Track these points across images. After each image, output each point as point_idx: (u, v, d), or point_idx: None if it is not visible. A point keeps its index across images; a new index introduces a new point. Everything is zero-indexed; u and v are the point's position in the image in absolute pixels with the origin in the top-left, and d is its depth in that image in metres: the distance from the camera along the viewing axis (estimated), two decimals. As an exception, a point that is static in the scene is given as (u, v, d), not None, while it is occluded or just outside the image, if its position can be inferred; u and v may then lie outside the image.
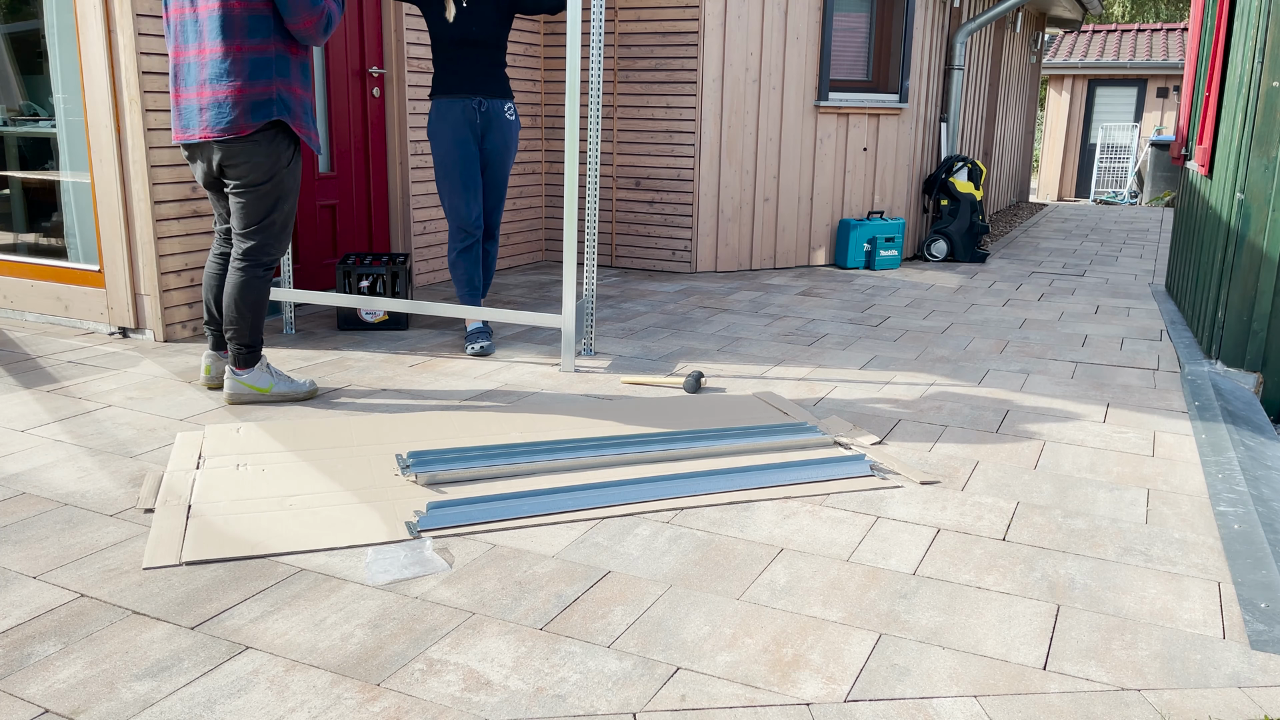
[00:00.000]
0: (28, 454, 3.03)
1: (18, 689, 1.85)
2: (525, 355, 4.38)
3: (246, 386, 3.56)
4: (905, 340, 4.85)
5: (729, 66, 6.42)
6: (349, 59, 5.38)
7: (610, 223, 6.88)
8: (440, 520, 2.58)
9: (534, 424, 3.40)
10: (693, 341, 4.71)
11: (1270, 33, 3.98)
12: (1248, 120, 4.13)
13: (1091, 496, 2.89)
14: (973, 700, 1.88)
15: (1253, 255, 4.17)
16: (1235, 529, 2.66)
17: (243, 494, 2.74)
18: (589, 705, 1.84)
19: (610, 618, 2.15)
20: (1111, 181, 17.40)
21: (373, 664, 1.95)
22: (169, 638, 2.03)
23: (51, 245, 4.67)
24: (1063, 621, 2.17)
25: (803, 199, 6.96)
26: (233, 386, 3.55)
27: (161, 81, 4.23)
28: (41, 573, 2.29)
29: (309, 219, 5.26)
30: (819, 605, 2.22)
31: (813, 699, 1.87)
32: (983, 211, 7.86)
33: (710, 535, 2.57)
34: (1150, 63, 16.63)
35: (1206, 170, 5.05)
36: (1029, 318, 5.48)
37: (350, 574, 2.32)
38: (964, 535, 2.61)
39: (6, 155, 4.73)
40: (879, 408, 3.71)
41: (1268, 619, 2.19)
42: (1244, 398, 4.00)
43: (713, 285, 6.23)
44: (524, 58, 6.64)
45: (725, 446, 3.15)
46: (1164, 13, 25.15)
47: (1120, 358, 4.59)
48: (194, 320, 4.53)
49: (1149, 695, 1.91)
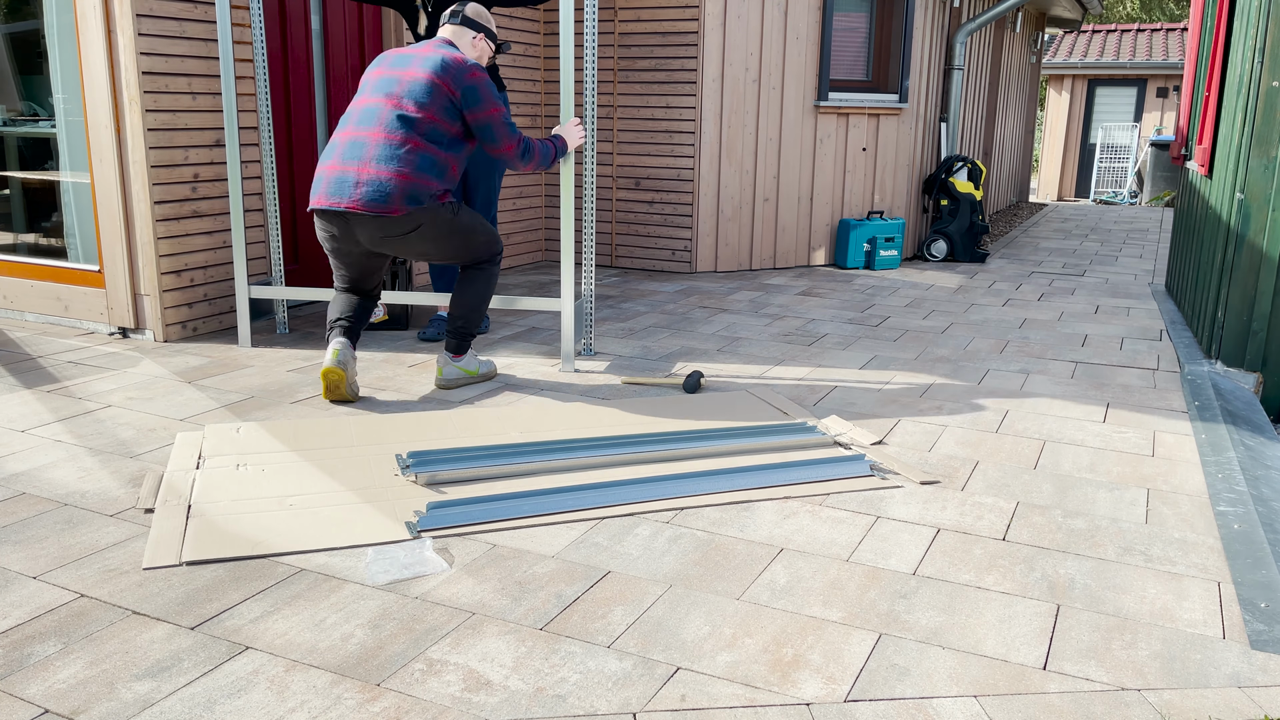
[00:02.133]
0: (28, 454, 3.03)
1: (18, 689, 1.85)
2: (525, 355, 4.38)
3: (460, 370, 3.84)
4: (905, 340, 4.85)
5: (729, 66, 6.42)
6: (349, 58, 5.37)
7: (610, 223, 6.88)
8: (440, 520, 2.58)
9: (534, 424, 3.40)
10: (693, 341, 4.71)
11: (1270, 32, 3.98)
12: (1248, 120, 4.13)
13: (1091, 496, 2.89)
14: (973, 700, 1.88)
15: (1253, 255, 4.17)
16: (1235, 529, 2.66)
17: (243, 494, 2.74)
18: (589, 705, 1.84)
19: (610, 618, 2.15)
20: (1111, 181, 17.40)
21: (373, 664, 1.95)
22: (169, 638, 2.03)
23: (51, 245, 4.67)
24: (1063, 621, 2.17)
25: (802, 199, 6.96)
26: (449, 370, 3.81)
27: (161, 81, 4.23)
28: (41, 573, 2.29)
29: (308, 219, 5.26)
30: (819, 605, 2.22)
31: (813, 699, 1.87)
32: (982, 211, 7.86)
33: (710, 535, 2.57)
34: (1150, 63, 16.63)
35: (1206, 170, 5.05)
36: (1029, 317, 5.48)
37: (350, 574, 2.32)
38: (964, 535, 2.61)
39: (6, 155, 4.73)
40: (879, 408, 3.71)
41: (1268, 619, 2.19)
42: (1244, 398, 4.00)
43: (713, 285, 6.23)
44: (524, 58, 6.64)
45: (725, 446, 3.15)
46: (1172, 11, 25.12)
47: (1120, 357, 4.59)
48: (194, 320, 4.53)
49: (1149, 695, 1.91)
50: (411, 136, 3.39)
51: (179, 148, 4.35)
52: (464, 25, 3.70)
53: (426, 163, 3.41)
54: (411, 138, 3.39)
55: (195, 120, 4.41)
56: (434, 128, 3.43)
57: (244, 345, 4.35)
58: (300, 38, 5.05)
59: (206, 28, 4.42)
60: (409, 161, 3.38)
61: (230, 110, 4.19)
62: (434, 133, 3.43)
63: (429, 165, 3.42)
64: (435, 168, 3.43)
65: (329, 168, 3.47)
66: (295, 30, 5.03)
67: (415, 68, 3.48)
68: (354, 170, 3.40)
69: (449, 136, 3.47)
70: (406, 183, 3.37)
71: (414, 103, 3.42)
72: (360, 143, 3.43)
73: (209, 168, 4.50)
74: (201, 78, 4.42)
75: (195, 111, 4.40)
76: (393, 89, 3.47)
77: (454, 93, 3.44)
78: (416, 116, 3.41)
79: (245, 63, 4.61)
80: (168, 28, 4.23)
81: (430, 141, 3.42)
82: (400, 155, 3.37)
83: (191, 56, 4.36)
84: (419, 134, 3.40)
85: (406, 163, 3.37)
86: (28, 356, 4.13)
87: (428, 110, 3.42)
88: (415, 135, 3.40)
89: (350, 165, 3.41)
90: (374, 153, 3.39)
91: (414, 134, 3.40)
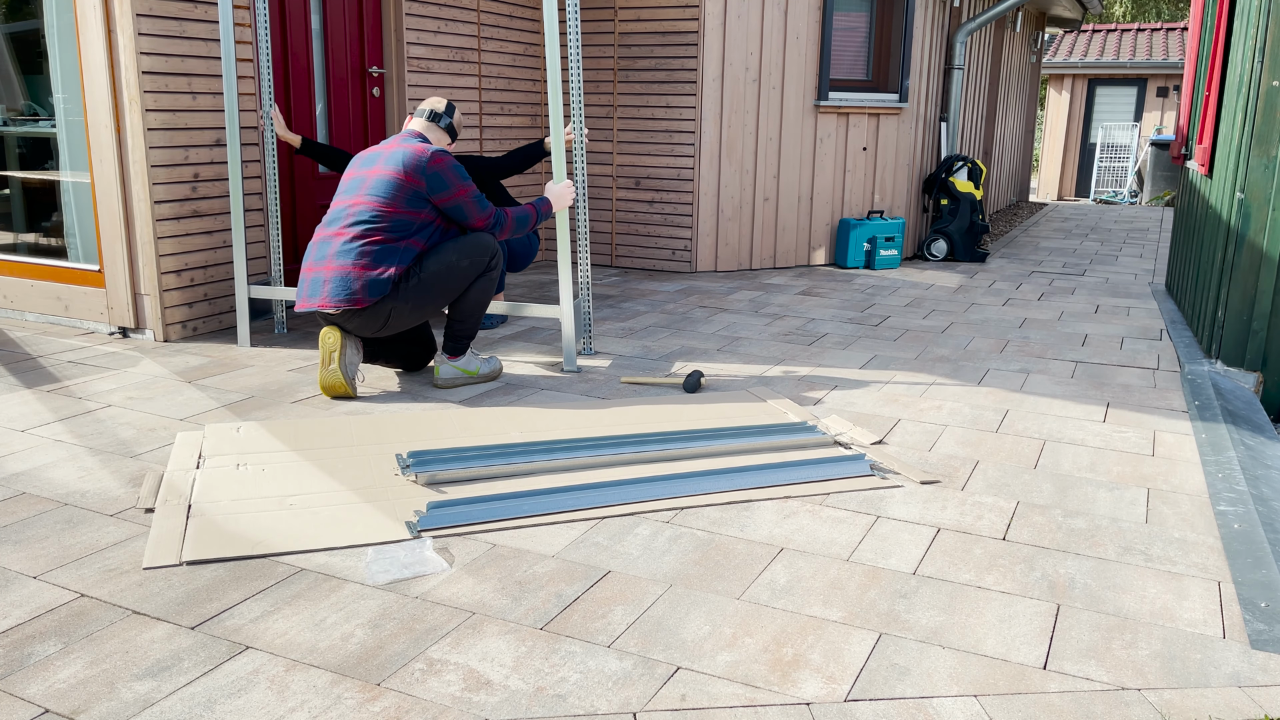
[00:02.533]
0: (28, 454, 3.03)
1: (18, 689, 1.85)
2: (525, 355, 4.38)
3: (459, 370, 3.88)
4: (905, 340, 4.85)
5: (729, 66, 6.42)
6: (349, 59, 5.38)
7: (610, 222, 6.87)
8: (440, 520, 2.58)
9: (534, 424, 3.40)
10: (693, 341, 4.71)
11: (1270, 32, 3.98)
12: (1248, 120, 4.13)
13: (1091, 496, 2.89)
14: (973, 700, 1.88)
15: (1253, 255, 4.17)
16: (1235, 528, 2.66)
17: (243, 493, 2.74)
18: (589, 705, 1.84)
19: (610, 617, 2.15)
20: (1111, 181, 17.39)
21: (373, 664, 1.95)
22: (169, 638, 2.03)
23: (51, 245, 4.67)
24: (1063, 621, 2.17)
25: (803, 198, 6.96)
26: (446, 370, 3.86)
27: (161, 81, 4.23)
28: (42, 573, 2.29)
29: (308, 218, 5.26)
30: (819, 605, 2.22)
31: (813, 699, 1.87)
32: (983, 211, 7.86)
33: (710, 535, 2.57)
34: (1150, 62, 16.63)
35: (1206, 170, 5.05)
36: (1029, 317, 5.48)
37: (350, 574, 2.32)
38: (964, 535, 2.61)
39: (6, 155, 4.73)
40: (879, 407, 3.71)
41: (1268, 618, 2.19)
42: (1244, 397, 4.00)
43: (713, 285, 6.23)
44: (524, 58, 6.64)
45: (725, 446, 3.15)
46: (1165, 13, 25.13)
47: (1120, 357, 4.59)
48: (193, 320, 4.53)
49: (1149, 695, 1.91)
50: (372, 232, 3.54)
51: (179, 147, 4.35)
52: (431, 121, 3.86)
53: (386, 252, 3.55)
54: (372, 233, 3.54)
55: (195, 120, 4.41)
56: (399, 219, 3.57)
57: (244, 345, 4.35)
58: (300, 38, 5.05)
59: (206, 27, 4.42)
60: (367, 254, 3.52)
61: (231, 110, 4.19)
62: (399, 224, 3.57)
63: (388, 255, 3.55)
64: (395, 255, 3.56)
65: (305, 270, 3.65)
66: (295, 30, 5.03)
67: (380, 165, 3.64)
68: (322, 270, 3.57)
69: (418, 223, 3.61)
70: (365, 274, 3.51)
71: (377, 199, 3.57)
72: (327, 242, 3.60)
73: (209, 167, 4.50)
74: (202, 77, 4.42)
75: (195, 111, 4.40)
76: (359, 189, 3.63)
77: (419, 183, 3.59)
78: (380, 211, 3.56)
79: (245, 62, 4.61)
80: (168, 27, 4.23)
81: (394, 233, 3.57)
82: (357, 249, 3.52)
83: (192, 56, 4.36)
84: (382, 228, 3.55)
85: (364, 255, 3.52)
86: (28, 356, 4.13)
87: (391, 204, 3.57)
88: (377, 230, 3.55)
89: (319, 266, 3.59)
90: (336, 249, 3.56)
91: (376, 229, 3.55)
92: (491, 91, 6.34)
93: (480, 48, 6.20)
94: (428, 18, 5.73)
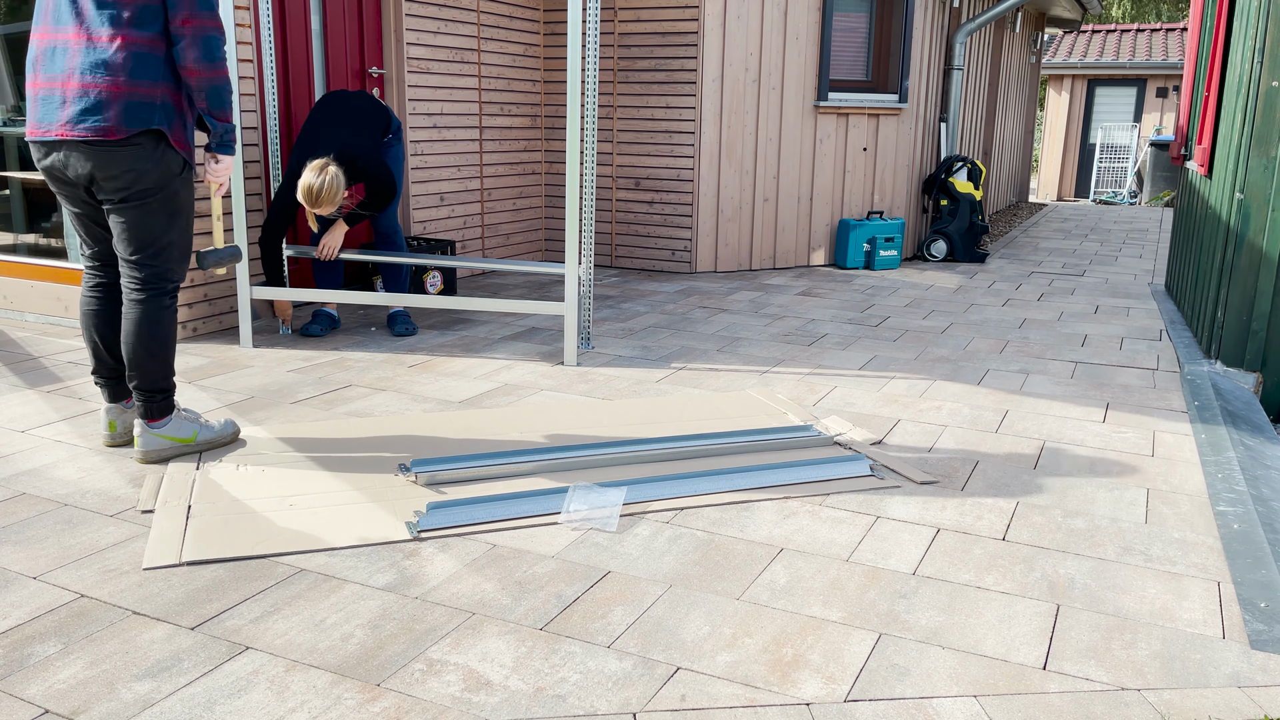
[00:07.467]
0: (29, 454, 3.03)
1: (18, 689, 1.85)
2: (525, 355, 4.38)
3: (167, 440, 2.95)
4: (905, 340, 4.85)
5: (729, 66, 6.42)
6: (349, 59, 5.38)
7: (610, 223, 6.88)
8: (440, 520, 2.58)
9: (534, 424, 3.40)
10: (692, 341, 4.71)
11: (1270, 32, 3.98)
12: (1247, 120, 4.13)
13: (1091, 496, 2.90)
14: (973, 700, 1.88)
15: (1252, 255, 4.17)
16: (1235, 529, 2.66)
17: (243, 494, 2.74)
18: (589, 705, 1.84)
19: (610, 618, 2.15)
20: (1111, 181, 17.40)
21: (373, 664, 1.95)
22: (169, 638, 2.03)
23: (51, 246, 4.67)
24: (1062, 621, 2.18)
25: (802, 199, 6.96)
26: (148, 442, 2.93)
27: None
28: (42, 573, 2.29)
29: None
30: (819, 605, 2.23)
31: (813, 699, 1.87)
32: (982, 211, 7.86)
33: (710, 535, 2.57)
34: (1150, 63, 16.63)
35: (1206, 170, 5.05)
36: (1028, 317, 5.48)
37: (350, 574, 2.32)
38: (964, 535, 2.61)
39: (6, 155, 4.73)
40: (878, 408, 3.71)
41: (1267, 619, 2.19)
42: (1244, 397, 4.00)
43: (712, 285, 6.23)
44: (524, 58, 6.64)
45: (725, 446, 3.15)
46: (1165, 13, 25.14)
47: (1120, 357, 4.59)
48: (194, 320, 4.53)
49: (1149, 695, 1.91)
50: (117, 33, 2.67)
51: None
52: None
53: (143, 62, 2.70)
54: (116, 34, 2.67)
55: (195, 120, 4.41)
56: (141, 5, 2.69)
57: (245, 345, 4.35)
58: (300, 38, 5.05)
59: (206, 28, 4.41)
60: (119, 66, 2.68)
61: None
62: (141, 13, 2.69)
63: (147, 65, 2.71)
64: (155, 65, 2.72)
65: (33, 85, 2.78)
66: (295, 30, 5.03)
67: None
68: (58, 85, 2.72)
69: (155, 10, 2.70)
70: (121, 94, 2.69)
71: None
72: (59, 49, 2.72)
73: (209, 168, 4.50)
74: (201, 78, 4.41)
75: (195, 112, 4.40)
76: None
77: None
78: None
79: (246, 63, 4.61)
80: (168, 28, 4.23)
81: (140, 29, 2.69)
82: (106, 60, 2.67)
83: (191, 57, 4.35)
84: (126, 26, 2.68)
85: (117, 68, 2.67)
86: (29, 356, 4.13)
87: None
88: (120, 29, 2.67)
89: (56, 80, 2.73)
90: (78, 61, 2.69)
91: (119, 28, 2.67)
92: (491, 92, 6.35)
93: (480, 48, 6.20)
94: (427, 18, 5.73)
